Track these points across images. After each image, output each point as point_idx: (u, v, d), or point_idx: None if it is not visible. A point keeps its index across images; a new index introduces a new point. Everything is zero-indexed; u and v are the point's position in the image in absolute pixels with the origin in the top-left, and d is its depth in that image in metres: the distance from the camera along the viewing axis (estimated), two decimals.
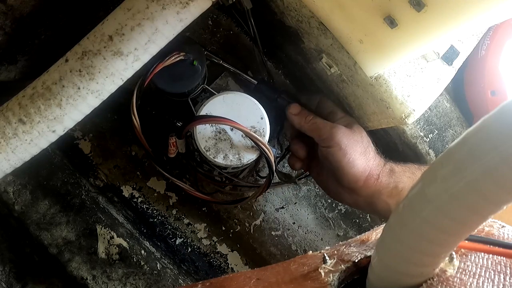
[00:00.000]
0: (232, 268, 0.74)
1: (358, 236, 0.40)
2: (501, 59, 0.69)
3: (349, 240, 0.39)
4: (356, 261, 0.33)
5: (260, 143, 0.54)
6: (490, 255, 0.31)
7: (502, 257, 0.31)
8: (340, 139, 0.57)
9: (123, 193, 0.70)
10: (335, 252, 0.36)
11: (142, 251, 0.65)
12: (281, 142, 0.73)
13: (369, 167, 0.58)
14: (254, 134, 0.54)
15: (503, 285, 0.28)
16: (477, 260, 0.31)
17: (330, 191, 0.64)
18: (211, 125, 0.57)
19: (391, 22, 0.42)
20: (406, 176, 0.59)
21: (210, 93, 0.63)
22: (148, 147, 0.60)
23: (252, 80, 0.65)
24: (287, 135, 0.69)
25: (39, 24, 0.63)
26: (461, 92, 0.76)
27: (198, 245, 0.73)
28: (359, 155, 0.57)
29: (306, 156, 0.64)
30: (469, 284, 0.28)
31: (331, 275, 0.31)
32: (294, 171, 0.75)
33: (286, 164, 0.76)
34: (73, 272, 0.62)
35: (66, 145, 0.68)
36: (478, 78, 0.72)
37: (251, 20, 0.55)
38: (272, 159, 0.56)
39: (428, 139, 0.69)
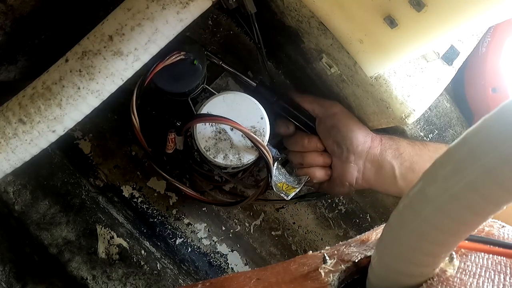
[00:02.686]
0: (232, 268, 0.74)
1: (358, 236, 0.40)
2: (502, 56, 0.69)
3: (349, 240, 0.39)
4: (356, 261, 0.33)
5: (258, 144, 0.54)
6: (490, 255, 0.31)
7: (502, 257, 0.31)
8: (341, 114, 0.61)
9: (123, 193, 0.70)
10: (335, 252, 0.36)
11: (142, 251, 0.65)
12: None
13: (370, 134, 0.61)
14: (253, 134, 0.54)
15: (503, 285, 0.28)
16: (477, 260, 0.31)
17: (335, 183, 0.64)
18: (211, 125, 0.57)
19: (391, 22, 0.42)
20: (405, 142, 0.61)
21: (210, 93, 0.63)
22: (147, 147, 0.60)
23: (251, 82, 0.65)
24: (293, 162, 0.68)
25: (39, 24, 0.63)
26: (461, 92, 0.76)
27: (198, 245, 0.73)
28: (360, 126, 0.61)
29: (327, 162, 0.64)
30: (469, 284, 0.28)
31: (331, 275, 0.31)
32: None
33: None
34: (73, 272, 0.62)
35: (66, 145, 0.68)
36: (479, 76, 0.72)
37: (255, 25, 0.55)
38: (271, 160, 0.56)
39: (428, 139, 0.69)
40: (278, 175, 0.63)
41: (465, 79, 0.75)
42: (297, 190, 0.63)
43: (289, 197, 0.62)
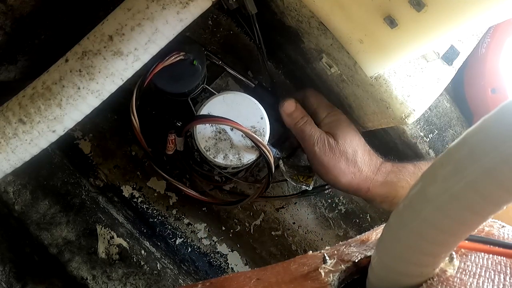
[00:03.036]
0: (232, 268, 0.74)
1: (358, 236, 0.40)
2: (502, 56, 0.69)
3: (349, 240, 0.39)
4: (356, 261, 0.33)
5: (259, 144, 0.54)
6: (490, 255, 0.31)
7: (502, 257, 0.31)
8: (321, 159, 0.57)
9: (123, 193, 0.70)
10: (335, 252, 0.36)
11: (142, 251, 0.65)
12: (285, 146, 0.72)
13: (355, 182, 0.57)
14: (253, 134, 0.54)
15: (503, 285, 0.28)
16: (477, 260, 0.31)
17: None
18: (211, 125, 0.57)
19: (391, 22, 0.42)
20: (400, 186, 0.57)
21: (210, 93, 0.63)
22: (147, 147, 0.60)
23: (249, 83, 0.65)
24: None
25: (39, 24, 0.63)
26: (461, 92, 0.76)
27: (198, 245, 0.73)
28: (344, 171, 0.57)
29: None
30: (469, 284, 0.28)
31: (331, 275, 0.31)
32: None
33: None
34: (73, 272, 0.62)
35: (66, 145, 0.68)
36: (479, 76, 0.72)
37: (256, 25, 0.55)
38: (272, 160, 0.56)
39: (428, 139, 0.69)
40: (288, 169, 0.63)
41: (465, 79, 0.75)
42: (314, 177, 0.63)
43: (311, 187, 0.62)
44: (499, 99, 0.69)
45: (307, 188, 0.62)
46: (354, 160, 0.57)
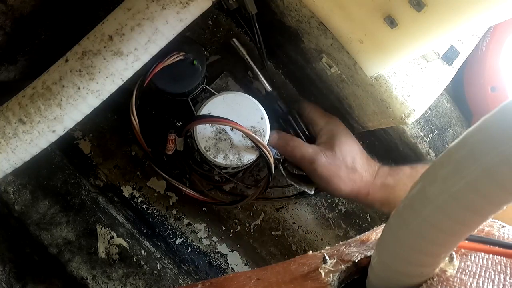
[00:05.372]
0: (232, 268, 0.74)
1: (358, 236, 0.40)
2: (502, 55, 0.69)
3: (349, 240, 0.39)
4: (356, 261, 0.33)
5: (259, 144, 0.54)
6: (490, 255, 0.31)
7: (502, 257, 0.31)
8: (321, 172, 0.57)
9: (123, 193, 0.70)
10: (335, 252, 0.36)
11: (142, 251, 0.65)
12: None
13: (356, 188, 0.58)
14: (253, 134, 0.54)
15: (503, 285, 0.28)
16: (477, 260, 0.31)
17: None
18: (211, 125, 0.57)
19: (391, 22, 0.42)
20: (398, 189, 0.58)
21: (210, 93, 0.63)
22: (146, 147, 0.60)
23: (267, 86, 0.65)
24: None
25: (39, 24, 0.63)
26: (461, 92, 0.76)
27: (198, 245, 0.73)
28: (344, 179, 0.57)
29: None
30: (469, 284, 0.28)
31: (331, 275, 0.31)
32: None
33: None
34: (73, 272, 0.62)
35: (66, 145, 0.68)
36: (478, 75, 0.72)
37: (256, 25, 0.55)
38: (271, 160, 0.56)
39: (428, 139, 0.69)
40: (291, 178, 0.64)
41: (465, 77, 0.75)
42: (315, 185, 0.64)
43: (312, 191, 0.63)
44: (499, 97, 0.69)
45: (309, 192, 0.63)
46: (353, 167, 0.58)
